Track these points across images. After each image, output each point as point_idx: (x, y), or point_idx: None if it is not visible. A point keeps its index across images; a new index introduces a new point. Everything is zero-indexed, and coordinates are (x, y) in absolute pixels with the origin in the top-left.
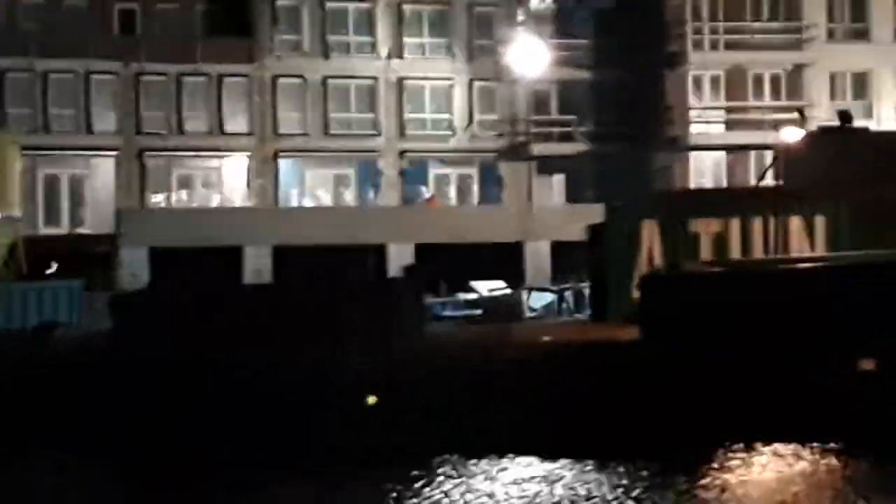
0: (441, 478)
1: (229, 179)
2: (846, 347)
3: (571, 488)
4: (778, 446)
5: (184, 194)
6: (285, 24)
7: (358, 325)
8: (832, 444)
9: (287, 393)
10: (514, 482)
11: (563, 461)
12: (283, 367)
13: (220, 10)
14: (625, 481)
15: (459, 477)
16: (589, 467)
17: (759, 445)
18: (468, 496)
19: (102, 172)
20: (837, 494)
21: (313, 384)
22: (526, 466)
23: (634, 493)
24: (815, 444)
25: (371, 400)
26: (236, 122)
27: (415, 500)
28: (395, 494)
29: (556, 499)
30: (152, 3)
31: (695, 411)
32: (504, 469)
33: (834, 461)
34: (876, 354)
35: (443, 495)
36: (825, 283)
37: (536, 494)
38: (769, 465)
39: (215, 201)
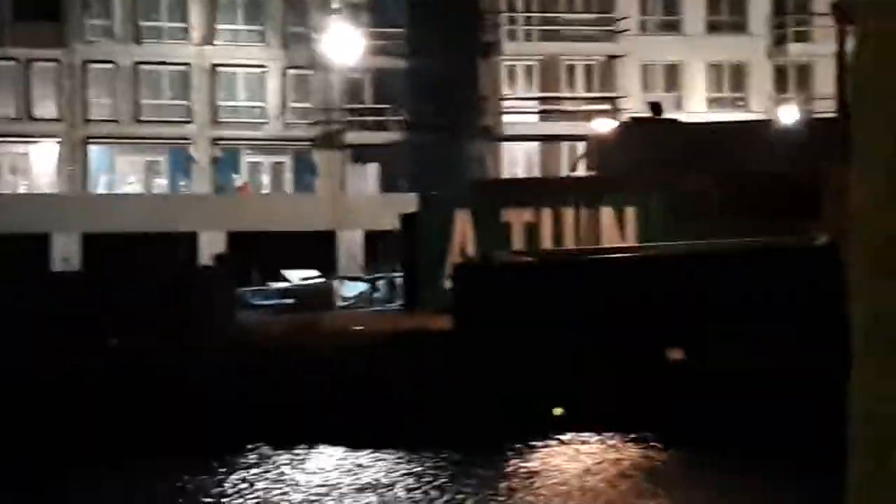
0: (248, 466)
1: (38, 165)
2: (655, 338)
3: (376, 477)
4: (584, 437)
5: None
6: (96, 8)
7: (166, 314)
8: (636, 435)
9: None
10: (319, 470)
11: (369, 451)
12: (89, 357)
13: None
14: (431, 471)
15: (265, 465)
16: (395, 457)
17: (563, 437)
18: (273, 485)
19: None
20: (637, 485)
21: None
22: (330, 457)
23: (439, 482)
24: (620, 435)
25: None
26: (45, 108)
27: (219, 489)
28: (197, 482)
29: (360, 486)
30: None
31: (503, 401)
32: (309, 458)
33: (637, 452)
34: (683, 344)
35: (247, 484)
36: (634, 273)
37: (340, 483)
38: (574, 456)
39: (23, 188)
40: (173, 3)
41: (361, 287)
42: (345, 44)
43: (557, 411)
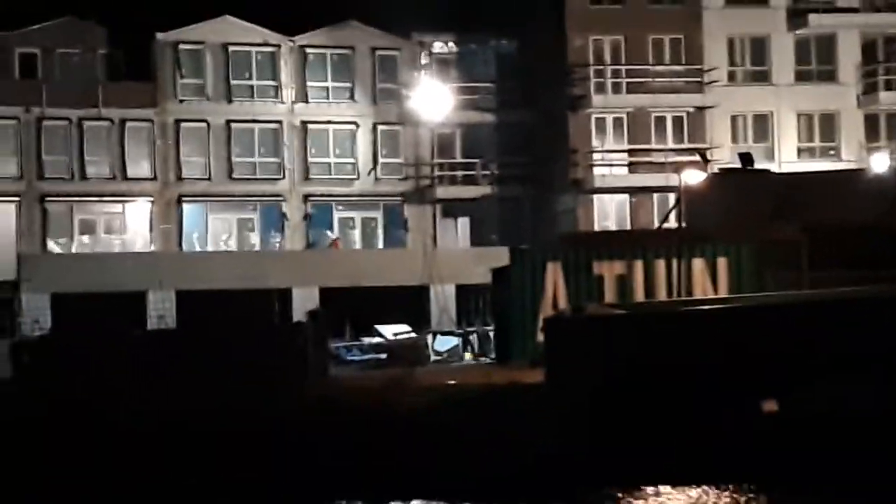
0: None
1: (132, 224)
2: (750, 389)
3: None
4: (686, 489)
5: (86, 239)
6: (188, 68)
7: (264, 370)
8: (738, 486)
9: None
10: None
11: None
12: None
13: (122, 55)
14: None
15: None
16: None
17: (667, 489)
18: None
19: (3, 218)
20: None
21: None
22: None
23: None
24: (721, 486)
25: None
26: (139, 167)
27: None
28: None
29: None
30: (53, 48)
31: (602, 454)
32: None
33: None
34: (778, 395)
35: None
36: (728, 324)
37: None
38: None
39: (118, 246)
40: (264, 61)
41: (454, 341)
42: (433, 99)
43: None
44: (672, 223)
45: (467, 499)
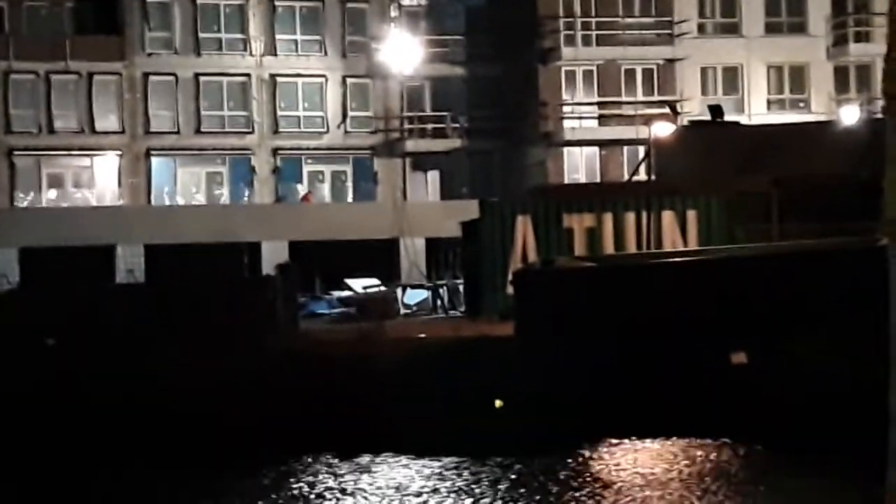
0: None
1: (101, 178)
2: (719, 341)
3: (450, 487)
4: (655, 443)
5: (54, 193)
6: (156, 22)
7: (232, 324)
8: (709, 440)
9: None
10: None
11: (441, 459)
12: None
13: (90, 8)
14: (503, 477)
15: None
16: (463, 465)
17: (634, 442)
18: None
19: None
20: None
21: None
22: (400, 465)
23: (511, 490)
24: (690, 439)
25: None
26: (107, 121)
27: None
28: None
29: (435, 497)
30: (19, 1)
31: (569, 409)
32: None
33: (712, 455)
34: (747, 347)
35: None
36: (697, 277)
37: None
38: (648, 461)
39: (87, 201)
40: (232, 14)
41: (424, 294)
42: (403, 52)
43: (498, 403)
44: (642, 176)
45: (438, 453)
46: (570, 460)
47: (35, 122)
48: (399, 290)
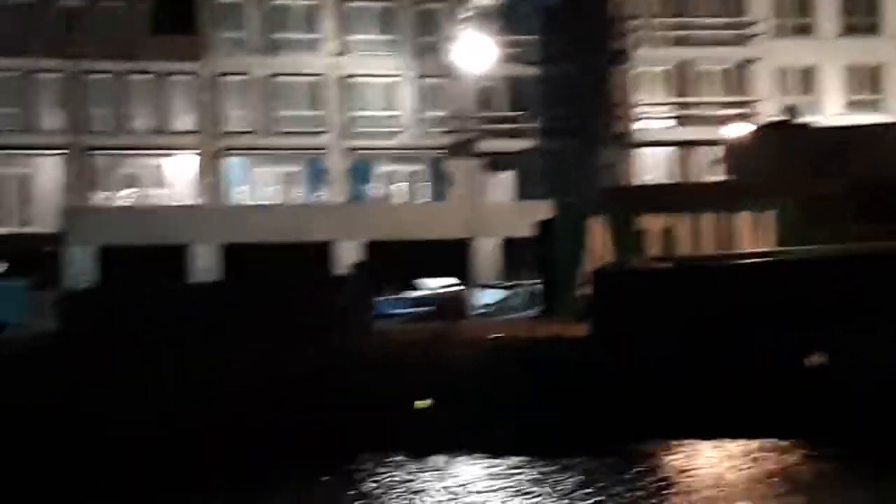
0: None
1: (176, 177)
2: (795, 343)
3: (523, 485)
4: (726, 443)
5: (130, 192)
6: (230, 21)
7: (307, 323)
8: (781, 441)
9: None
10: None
11: (510, 459)
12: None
13: (165, 8)
14: (578, 477)
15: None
16: (539, 464)
17: (706, 442)
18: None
19: (48, 171)
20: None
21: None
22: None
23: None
24: (762, 441)
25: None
26: (182, 120)
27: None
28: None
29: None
30: (96, 1)
31: (645, 408)
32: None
33: (783, 457)
34: (824, 349)
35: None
36: (774, 278)
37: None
38: (717, 462)
39: (162, 199)
40: (306, 14)
41: (499, 295)
42: (477, 52)
43: (421, 404)
44: (717, 177)
45: (511, 453)
46: (637, 459)
47: (111, 122)
48: (474, 291)
